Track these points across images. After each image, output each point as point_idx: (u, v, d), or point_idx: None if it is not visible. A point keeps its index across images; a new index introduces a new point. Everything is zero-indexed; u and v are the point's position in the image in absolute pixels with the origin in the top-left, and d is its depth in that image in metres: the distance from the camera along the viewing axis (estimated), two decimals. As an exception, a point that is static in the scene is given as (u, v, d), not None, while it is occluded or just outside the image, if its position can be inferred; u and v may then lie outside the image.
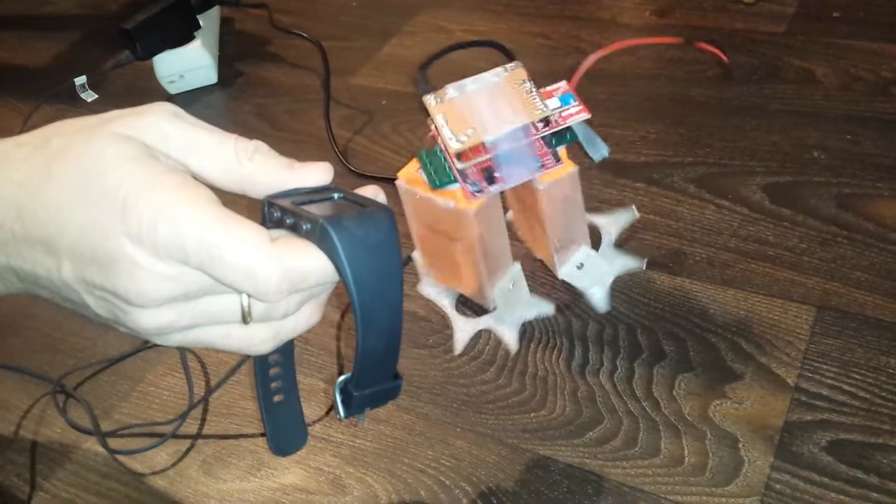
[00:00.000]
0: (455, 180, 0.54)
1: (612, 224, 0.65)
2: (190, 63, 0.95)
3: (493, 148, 0.52)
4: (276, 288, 0.31)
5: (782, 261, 0.63)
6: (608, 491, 0.52)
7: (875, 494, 0.49)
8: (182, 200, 0.31)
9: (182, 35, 0.94)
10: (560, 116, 0.53)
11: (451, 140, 0.52)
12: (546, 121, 0.53)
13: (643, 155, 0.76)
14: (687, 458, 0.52)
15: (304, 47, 0.98)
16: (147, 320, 0.32)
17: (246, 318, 0.33)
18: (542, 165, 0.54)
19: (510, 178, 0.53)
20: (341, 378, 0.34)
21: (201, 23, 0.95)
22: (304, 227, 0.31)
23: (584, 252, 0.61)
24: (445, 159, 0.54)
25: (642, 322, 0.61)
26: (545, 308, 0.62)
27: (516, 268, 0.61)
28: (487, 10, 1.03)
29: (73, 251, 0.31)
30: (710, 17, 0.93)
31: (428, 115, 0.54)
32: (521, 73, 0.54)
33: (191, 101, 0.97)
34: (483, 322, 0.62)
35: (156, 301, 0.31)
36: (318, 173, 0.35)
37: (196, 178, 0.33)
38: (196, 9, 0.94)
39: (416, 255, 0.63)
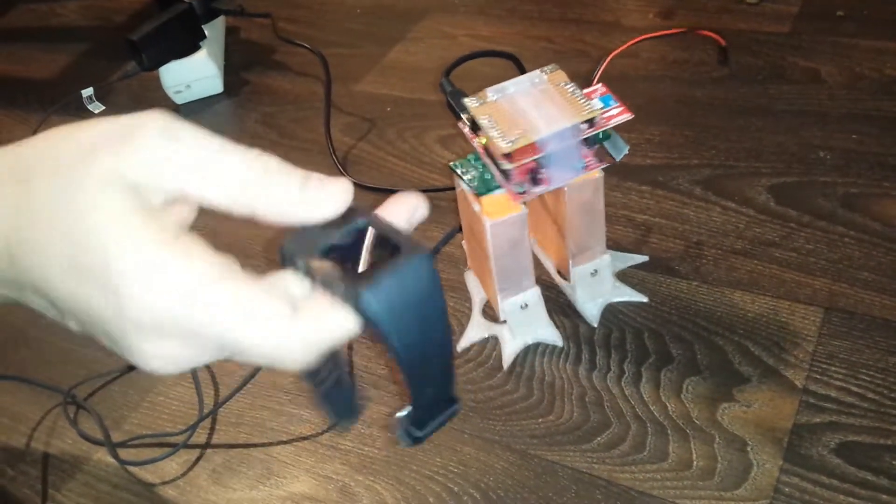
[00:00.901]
0: (498, 186, 0.54)
1: (621, 261, 0.65)
2: (196, 73, 0.96)
3: (544, 148, 0.52)
4: (303, 363, 0.29)
5: (789, 262, 0.63)
6: (617, 496, 0.52)
7: (885, 496, 0.49)
8: (189, 281, 0.27)
9: (188, 46, 0.94)
10: (603, 118, 0.53)
11: (501, 140, 0.51)
12: (590, 122, 0.53)
13: (648, 157, 0.76)
14: (695, 462, 0.52)
15: (309, 55, 0.99)
16: (163, 371, 0.29)
17: None
18: (586, 167, 0.54)
19: (554, 179, 0.53)
20: (401, 414, 0.32)
21: (207, 33, 0.95)
22: (340, 291, 0.28)
23: (602, 260, 0.61)
24: (483, 166, 0.54)
25: (649, 326, 0.61)
26: (554, 338, 0.61)
27: (533, 291, 0.59)
28: (491, 15, 1.04)
29: (75, 316, 0.29)
30: (713, 18, 0.93)
31: (458, 118, 0.54)
32: (562, 74, 0.55)
33: (197, 110, 0.97)
34: (493, 329, 0.62)
35: (174, 373, 0.29)
36: (337, 197, 0.30)
37: (198, 203, 0.30)
38: (201, 19, 0.95)
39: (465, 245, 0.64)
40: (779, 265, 0.63)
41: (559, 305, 0.64)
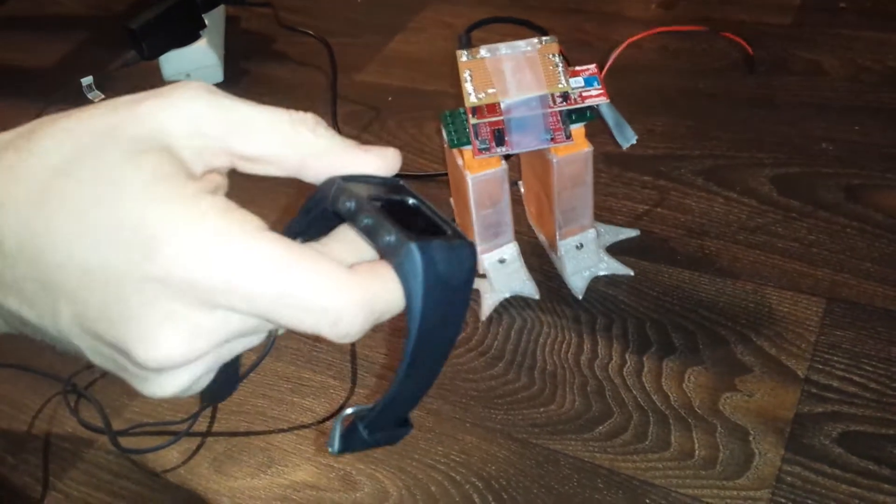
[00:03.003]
0: (468, 141, 0.56)
1: (612, 234, 0.66)
2: (196, 62, 0.95)
3: (508, 112, 0.54)
4: (359, 331, 0.25)
5: (791, 252, 0.63)
6: (618, 485, 0.52)
7: (887, 486, 0.49)
8: (233, 229, 0.24)
9: (188, 34, 0.94)
10: (580, 96, 0.55)
11: (471, 95, 0.54)
12: (565, 96, 0.54)
13: (650, 148, 0.75)
14: (697, 452, 0.52)
15: (310, 45, 0.98)
16: (166, 386, 0.26)
17: (272, 334, 0.28)
18: (552, 139, 0.55)
19: (518, 144, 0.55)
20: (349, 410, 0.29)
21: (207, 22, 0.95)
22: (386, 238, 0.25)
23: (587, 234, 0.62)
24: (466, 121, 0.56)
25: (651, 315, 0.61)
26: (530, 291, 0.63)
27: (510, 246, 0.62)
28: (492, 4, 1.03)
29: (75, 297, 0.24)
30: (716, 9, 0.93)
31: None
32: (554, 46, 0.56)
33: (197, 99, 0.97)
34: (476, 283, 0.63)
35: (183, 362, 0.25)
36: (389, 159, 0.28)
37: (242, 160, 0.28)
38: (201, 8, 0.94)
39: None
40: (781, 255, 0.63)
41: (561, 297, 0.63)
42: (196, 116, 0.26)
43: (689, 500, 0.50)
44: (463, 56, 0.56)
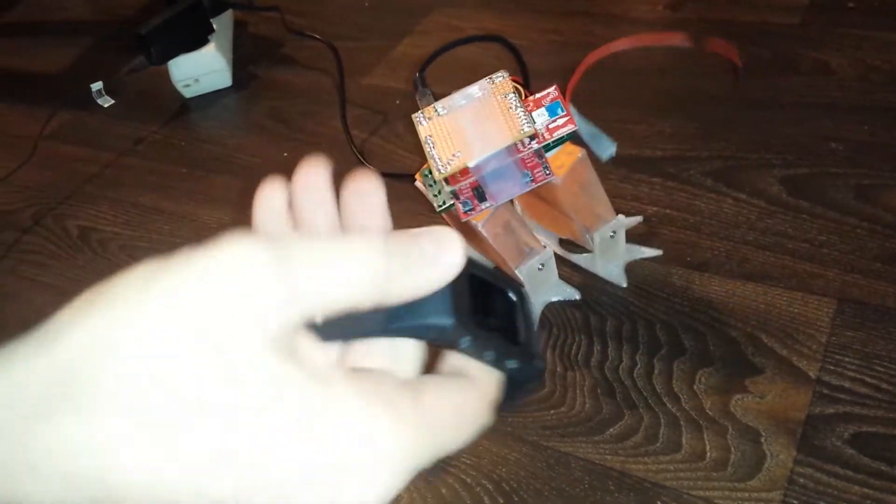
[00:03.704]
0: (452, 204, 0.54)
1: (634, 253, 0.66)
2: (204, 67, 0.96)
3: (478, 170, 0.51)
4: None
5: (801, 253, 0.63)
6: (630, 487, 0.52)
7: (899, 487, 0.48)
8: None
9: (196, 39, 0.94)
10: (547, 130, 0.52)
11: (438, 166, 0.51)
12: (532, 136, 0.52)
13: (658, 149, 0.75)
14: (709, 454, 0.52)
15: (318, 49, 0.99)
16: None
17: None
18: (532, 180, 0.52)
19: (500, 194, 0.53)
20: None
21: (215, 27, 0.95)
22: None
23: (617, 221, 0.62)
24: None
25: (661, 317, 0.61)
26: (571, 293, 0.62)
27: (548, 251, 0.61)
28: (499, 7, 1.03)
29: None
30: (723, 10, 0.93)
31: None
32: (507, 84, 0.53)
33: (206, 104, 0.97)
34: None
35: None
36: (454, 257, 0.25)
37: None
38: (209, 13, 0.95)
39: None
40: (791, 256, 0.63)
41: (571, 300, 0.64)
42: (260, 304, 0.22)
43: (701, 502, 0.50)
44: (421, 120, 0.53)
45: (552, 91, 0.53)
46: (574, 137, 0.54)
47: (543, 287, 0.62)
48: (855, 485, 0.49)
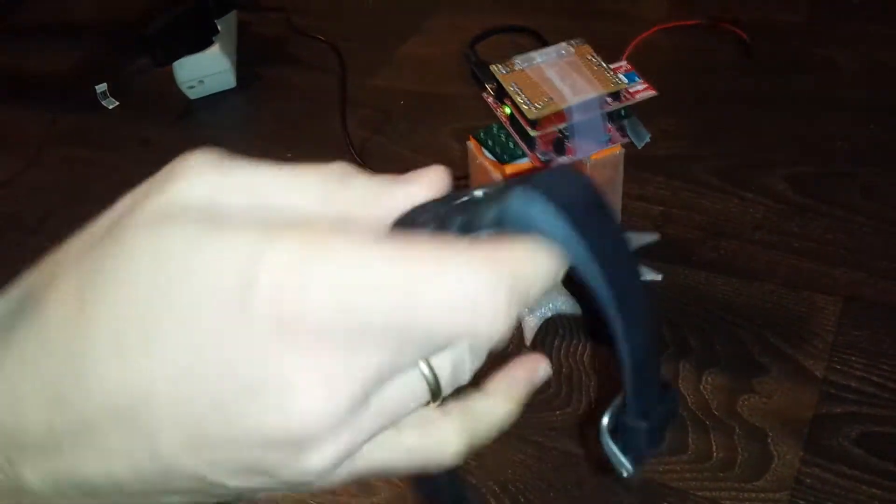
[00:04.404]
0: (522, 154, 0.54)
1: (634, 239, 0.65)
2: (209, 68, 0.96)
3: (570, 116, 0.52)
4: (506, 312, 0.19)
5: (808, 252, 0.63)
6: (636, 488, 0.51)
7: (907, 487, 0.48)
8: (327, 237, 0.20)
9: (201, 40, 0.94)
10: (628, 92, 0.54)
11: (528, 107, 0.51)
12: (616, 95, 0.53)
13: (664, 148, 0.75)
14: (715, 454, 0.52)
15: (322, 49, 0.99)
16: (315, 461, 0.20)
17: (436, 392, 0.22)
18: (610, 140, 0.54)
19: (580, 149, 0.54)
20: (605, 418, 0.23)
21: (219, 27, 0.95)
22: (489, 216, 0.20)
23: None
24: (507, 136, 0.54)
25: (667, 316, 0.60)
26: (572, 306, 0.62)
27: None
28: (505, 6, 1.03)
29: (174, 405, 0.20)
30: (729, 7, 0.92)
31: (483, 88, 0.54)
32: (588, 49, 0.55)
33: (210, 105, 0.97)
34: None
35: (329, 421, 0.19)
36: (435, 181, 0.23)
37: None
38: (214, 14, 0.95)
39: None
40: (797, 255, 0.63)
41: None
42: (213, 190, 0.22)
43: (708, 503, 0.50)
44: (501, 69, 0.54)
45: (624, 63, 0.56)
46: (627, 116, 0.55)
47: (543, 301, 0.62)
48: (862, 485, 0.49)
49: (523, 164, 0.55)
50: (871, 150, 0.70)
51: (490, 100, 0.54)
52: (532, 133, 0.52)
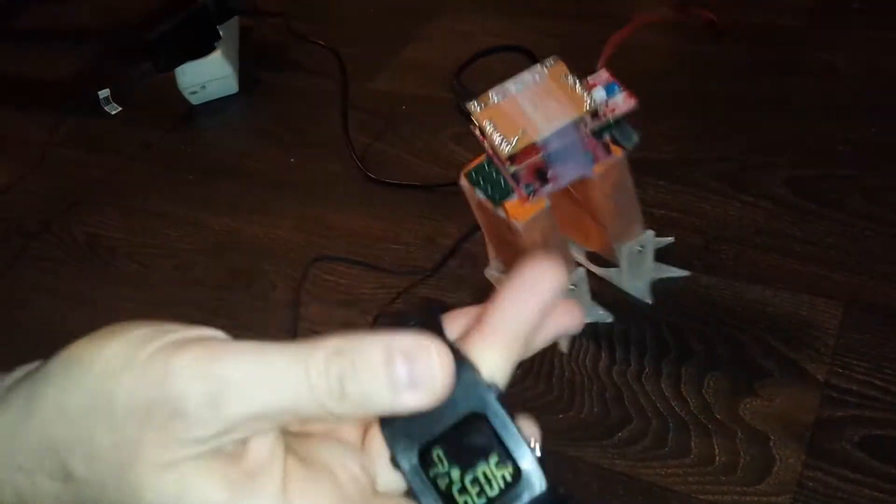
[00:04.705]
0: (512, 191, 0.53)
1: (663, 272, 0.65)
2: (211, 74, 0.96)
3: (545, 147, 0.51)
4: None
5: (809, 256, 0.63)
6: (638, 491, 0.51)
7: (910, 490, 0.48)
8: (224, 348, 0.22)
9: (203, 46, 0.95)
10: (607, 107, 0.53)
11: (502, 144, 0.51)
12: (595, 113, 0.52)
13: (663, 152, 0.75)
14: (718, 458, 0.52)
15: (323, 54, 0.99)
16: None
17: None
18: (595, 159, 0.53)
19: (563, 175, 0.53)
20: None
21: (221, 33, 0.95)
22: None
23: (646, 236, 0.61)
24: (497, 172, 0.54)
25: (668, 321, 0.61)
26: (603, 315, 0.62)
27: (580, 271, 0.60)
28: (504, 11, 1.03)
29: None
30: (728, 11, 0.92)
31: (471, 122, 0.53)
32: (562, 67, 0.54)
33: (213, 111, 0.97)
34: None
35: None
36: (434, 391, 0.22)
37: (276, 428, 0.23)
38: (216, 20, 0.95)
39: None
40: (798, 259, 0.63)
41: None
42: (204, 425, 0.22)
43: (710, 506, 0.50)
44: (476, 107, 0.53)
45: (603, 74, 0.54)
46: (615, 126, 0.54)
47: None
48: (865, 488, 0.49)
49: (513, 202, 0.54)
50: (872, 154, 0.70)
51: (477, 132, 0.54)
52: (511, 169, 0.52)
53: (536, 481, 0.23)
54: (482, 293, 0.65)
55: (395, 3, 1.11)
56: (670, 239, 0.66)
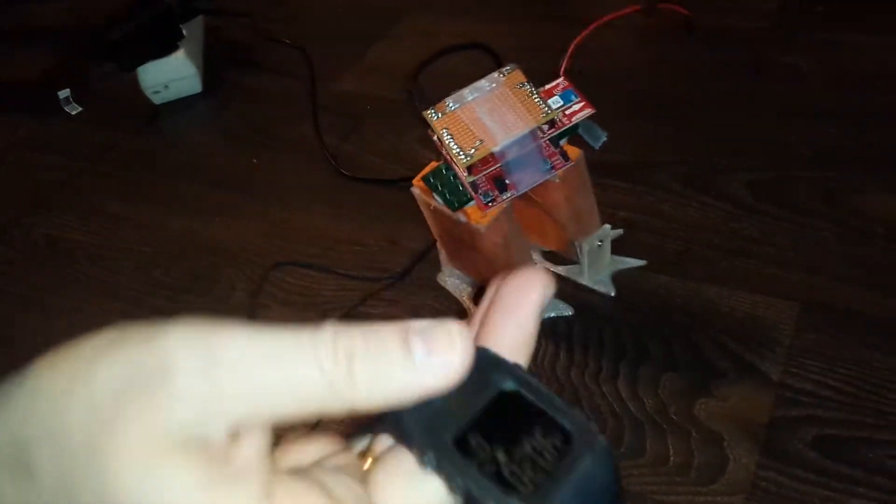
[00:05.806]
0: (471, 197, 0.53)
1: (620, 264, 0.65)
2: (174, 73, 0.95)
3: (503, 156, 0.51)
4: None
5: (767, 257, 0.63)
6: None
7: (861, 489, 0.48)
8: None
9: (165, 45, 0.94)
10: (564, 115, 0.53)
11: (460, 155, 0.51)
12: (552, 122, 0.52)
13: (625, 154, 0.75)
14: (672, 458, 0.52)
15: (289, 54, 0.98)
16: None
17: None
18: (552, 167, 0.53)
19: (521, 183, 0.53)
20: None
21: (185, 32, 0.94)
22: None
23: (604, 230, 0.61)
24: (455, 176, 0.53)
25: (626, 321, 0.61)
26: (563, 308, 0.62)
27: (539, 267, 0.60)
28: (472, 12, 1.03)
29: None
30: (694, 13, 0.93)
31: (430, 128, 0.53)
32: (519, 75, 0.53)
33: (176, 111, 0.96)
34: None
35: None
36: (451, 373, 0.20)
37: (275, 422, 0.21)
38: (179, 19, 0.94)
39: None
40: (757, 260, 0.63)
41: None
42: (197, 405, 0.20)
43: (664, 507, 0.50)
44: (433, 115, 0.52)
45: (561, 81, 0.54)
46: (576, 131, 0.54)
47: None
48: (818, 487, 0.49)
49: (473, 206, 0.54)
50: (832, 156, 0.71)
51: (435, 138, 0.53)
52: (469, 178, 0.52)
53: (594, 439, 0.21)
54: (445, 295, 0.65)
55: (361, 3, 1.10)
56: (619, 231, 0.66)
